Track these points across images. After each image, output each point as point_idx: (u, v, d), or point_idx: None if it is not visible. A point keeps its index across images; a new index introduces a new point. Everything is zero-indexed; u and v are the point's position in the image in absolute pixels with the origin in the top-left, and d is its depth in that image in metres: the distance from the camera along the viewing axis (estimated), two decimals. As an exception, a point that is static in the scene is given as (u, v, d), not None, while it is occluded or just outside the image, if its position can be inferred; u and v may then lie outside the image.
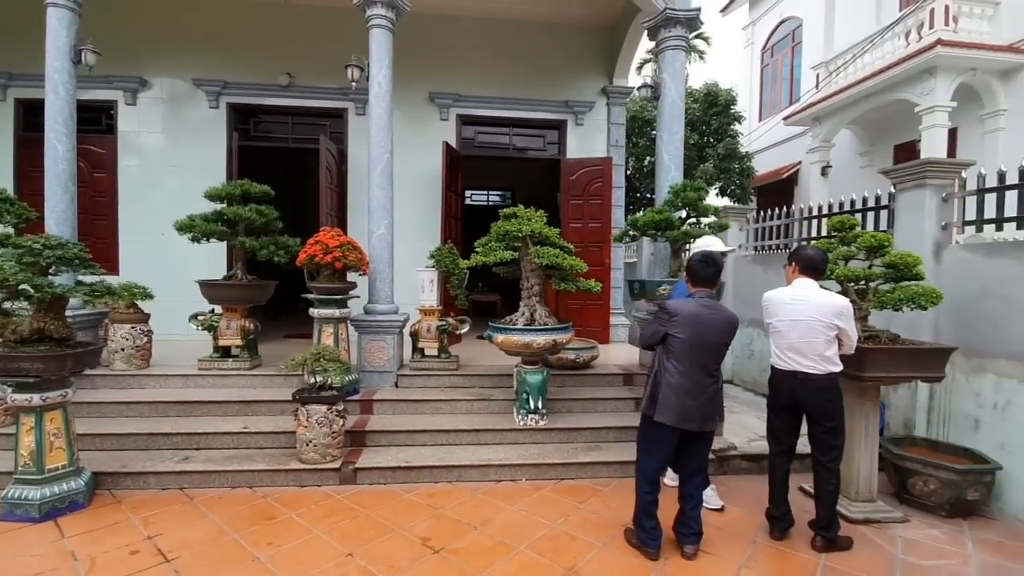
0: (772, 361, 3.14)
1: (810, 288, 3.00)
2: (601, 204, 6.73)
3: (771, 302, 3.10)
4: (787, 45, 13.52)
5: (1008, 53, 7.80)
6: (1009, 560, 2.91)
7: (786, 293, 3.06)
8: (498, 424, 4.27)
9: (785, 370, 3.03)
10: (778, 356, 3.07)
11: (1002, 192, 3.66)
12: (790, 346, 2.98)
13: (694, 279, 2.94)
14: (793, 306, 2.97)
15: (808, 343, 2.91)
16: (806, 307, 2.92)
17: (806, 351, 2.92)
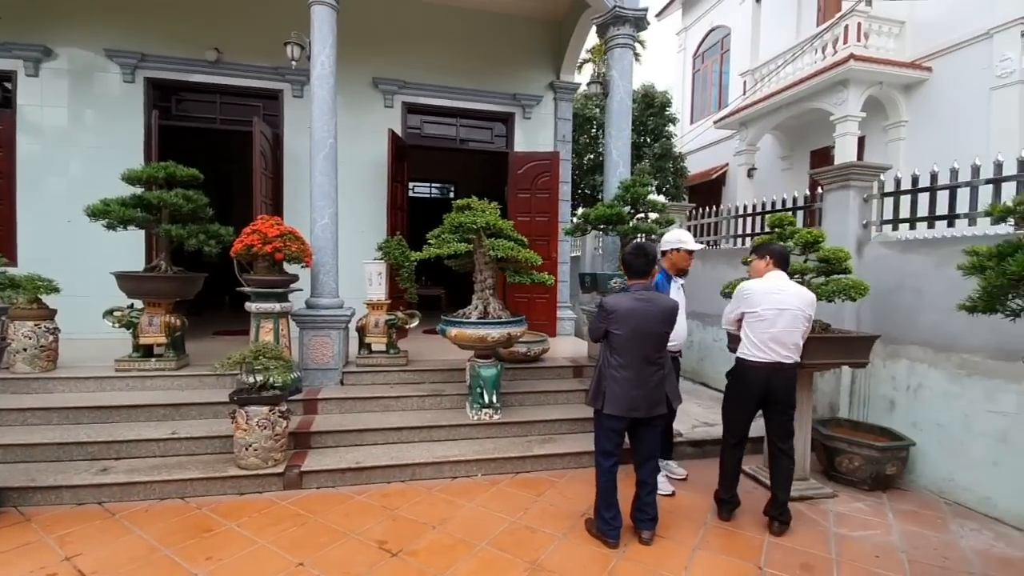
0: (745, 354, 3.13)
1: (786, 280, 3.13)
2: (548, 198, 6.77)
3: (753, 292, 3.09)
4: (717, 52, 14.24)
5: (910, 69, 8.62)
6: (924, 528, 3.23)
7: (765, 284, 3.10)
8: (451, 420, 4.19)
9: (765, 362, 3.04)
10: (757, 348, 3.06)
11: (915, 195, 4.04)
12: (773, 337, 3.01)
13: (628, 271, 3.00)
14: (777, 295, 3.03)
15: (789, 333, 3.02)
16: (788, 297, 3.03)
17: (786, 341, 3.03)
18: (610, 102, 5.35)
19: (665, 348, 2.96)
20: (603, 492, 2.93)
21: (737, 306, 3.21)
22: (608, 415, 2.85)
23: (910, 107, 8.97)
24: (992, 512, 3.37)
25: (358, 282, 4.93)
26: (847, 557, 2.88)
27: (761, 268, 3.19)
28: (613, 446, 2.93)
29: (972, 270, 2.49)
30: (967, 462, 3.54)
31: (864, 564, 2.81)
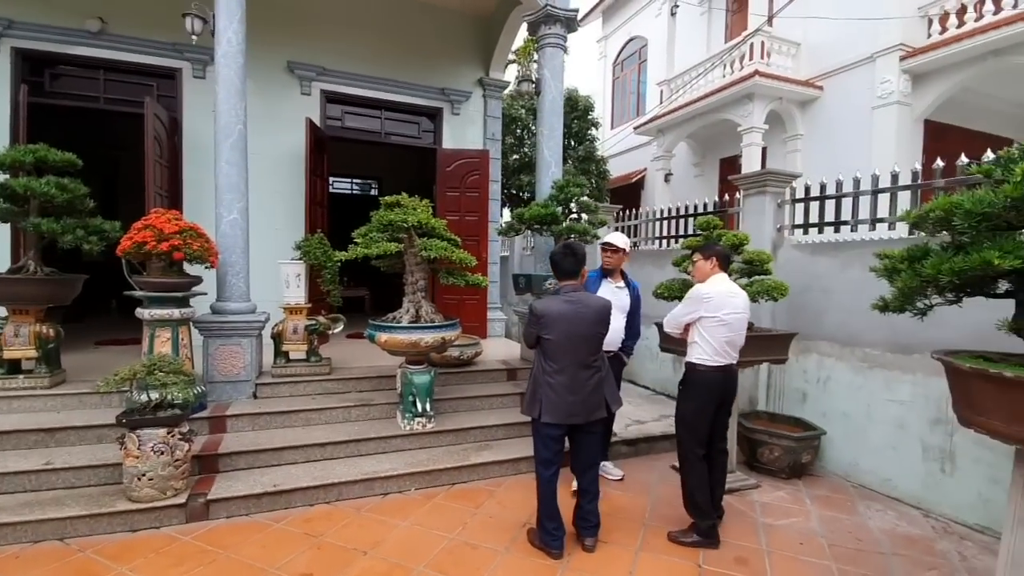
0: (703, 360, 2.98)
1: (732, 282, 3.12)
2: (478, 197, 6.62)
3: (714, 296, 2.95)
4: (635, 61, 14.84)
5: (805, 87, 9.44)
6: (838, 512, 3.46)
7: (721, 287, 3.01)
8: (381, 431, 3.91)
9: (721, 366, 2.98)
10: (716, 352, 2.96)
11: (823, 202, 4.35)
12: (729, 341, 2.98)
13: (557, 271, 2.89)
14: (733, 299, 2.98)
15: (740, 335, 3.03)
16: (740, 300, 3.01)
17: (737, 343, 3.03)
18: (542, 101, 5.31)
19: (600, 350, 2.89)
20: (544, 502, 2.84)
21: (694, 310, 3.00)
22: (545, 423, 2.75)
23: (805, 121, 9.83)
24: (892, 493, 3.69)
25: (273, 284, 4.49)
26: (775, 547, 3.00)
27: (706, 270, 3.08)
28: (552, 454, 2.84)
29: (885, 272, 2.68)
30: (870, 447, 3.86)
31: (791, 553, 2.94)
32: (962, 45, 7.54)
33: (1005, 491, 3.13)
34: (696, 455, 3.01)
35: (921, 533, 3.20)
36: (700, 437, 3.02)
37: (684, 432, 3.06)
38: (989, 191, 2.20)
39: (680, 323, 3.10)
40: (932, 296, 2.49)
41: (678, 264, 4.12)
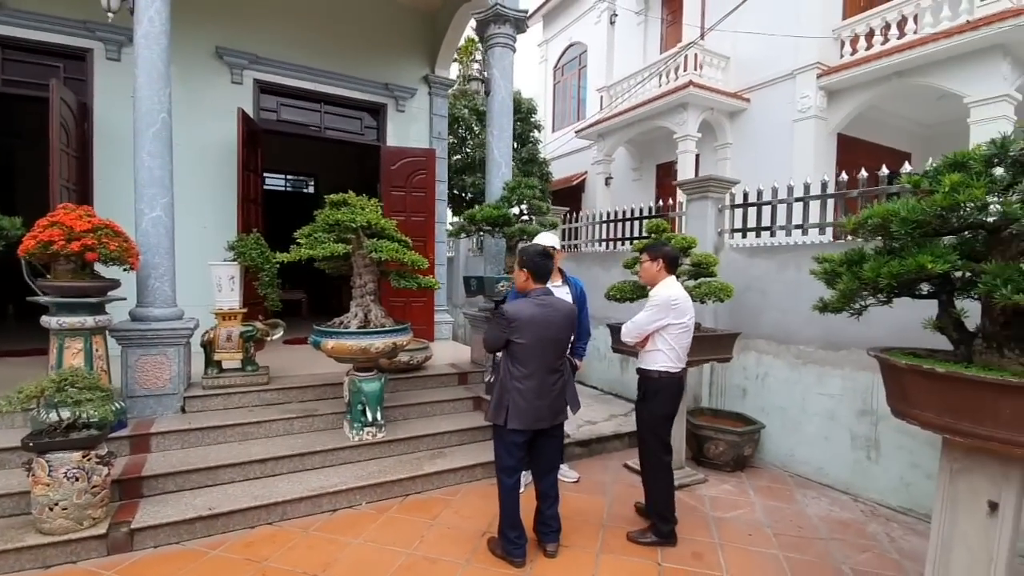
0: (667, 367, 2.97)
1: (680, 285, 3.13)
2: (424, 197, 6.46)
3: (680, 301, 2.94)
4: (575, 67, 15.13)
5: (734, 99, 10.00)
6: (779, 501, 3.65)
7: (681, 291, 3.02)
8: (328, 443, 3.70)
9: (681, 369, 3.02)
10: (678, 358, 2.98)
11: (760, 208, 4.59)
12: (685, 346, 3.02)
13: (536, 275, 2.80)
14: (687, 303, 3.01)
15: (690, 339, 3.07)
16: (691, 304, 3.04)
17: (688, 346, 3.06)
18: (492, 102, 5.25)
19: (566, 354, 2.91)
20: (507, 511, 2.77)
21: (663, 316, 2.93)
22: (512, 429, 2.70)
23: (734, 131, 10.41)
24: (824, 480, 3.95)
25: (200, 287, 4.16)
26: (727, 539, 3.11)
27: (653, 271, 3.05)
28: (516, 461, 2.79)
29: (824, 275, 2.84)
30: (804, 438, 4.11)
31: (742, 544, 3.06)
32: (870, 66, 8.26)
33: (925, 475, 3.43)
34: (664, 462, 3.03)
35: (853, 517, 3.43)
36: (667, 443, 3.06)
37: (653, 440, 3.03)
38: (919, 201, 2.39)
39: (645, 331, 2.98)
40: (867, 297, 2.68)
41: (629, 266, 4.18)
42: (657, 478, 3.04)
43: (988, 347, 2.31)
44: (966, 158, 2.35)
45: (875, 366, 3.62)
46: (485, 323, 5.03)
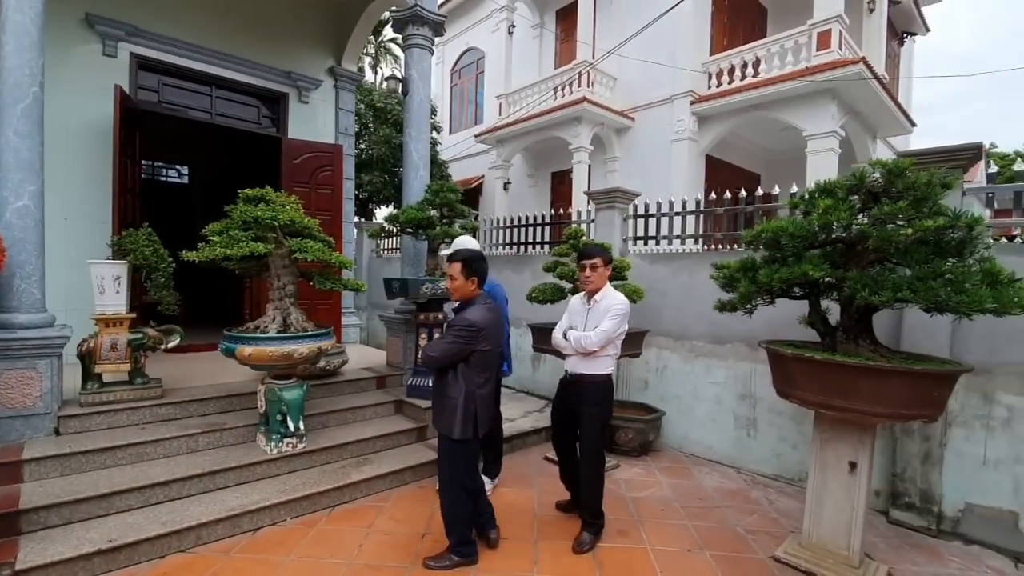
0: (611, 370, 3.17)
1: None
2: (331, 195, 6.18)
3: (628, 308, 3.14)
4: (473, 71, 15.32)
5: (621, 116, 10.89)
6: (680, 479, 4.14)
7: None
8: (242, 458, 3.41)
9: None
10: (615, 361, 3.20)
11: (659, 219, 5.13)
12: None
13: (481, 278, 2.78)
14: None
15: None
16: None
17: None
18: (410, 103, 5.21)
19: None
20: (463, 529, 2.77)
21: (625, 324, 3.10)
22: (477, 438, 2.75)
23: (621, 146, 11.33)
24: (713, 456, 4.54)
25: (67, 289, 3.61)
26: (644, 516, 3.47)
27: (606, 277, 3.15)
28: (475, 470, 2.86)
29: (724, 280, 3.31)
30: (696, 422, 4.69)
31: (658, 519, 3.43)
32: (732, 98, 9.54)
33: (791, 446, 4.10)
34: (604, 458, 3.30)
35: (739, 486, 4.01)
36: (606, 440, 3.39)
37: (602, 440, 3.19)
38: (801, 219, 2.92)
39: (612, 339, 3.07)
40: (757, 298, 3.18)
41: (550, 269, 4.44)
42: (601, 476, 3.17)
43: (847, 338, 2.88)
44: (833, 186, 2.92)
45: (753, 357, 4.29)
46: (404, 326, 4.99)
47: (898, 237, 2.59)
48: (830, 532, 2.88)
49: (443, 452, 2.76)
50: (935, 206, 2.59)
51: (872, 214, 2.71)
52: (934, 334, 3.31)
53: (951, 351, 3.26)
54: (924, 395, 2.52)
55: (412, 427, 4.28)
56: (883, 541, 3.22)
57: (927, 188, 2.55)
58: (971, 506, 3.24)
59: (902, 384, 2.51)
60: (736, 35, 11.11)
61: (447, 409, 2.68)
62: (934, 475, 3.36)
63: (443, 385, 2.71)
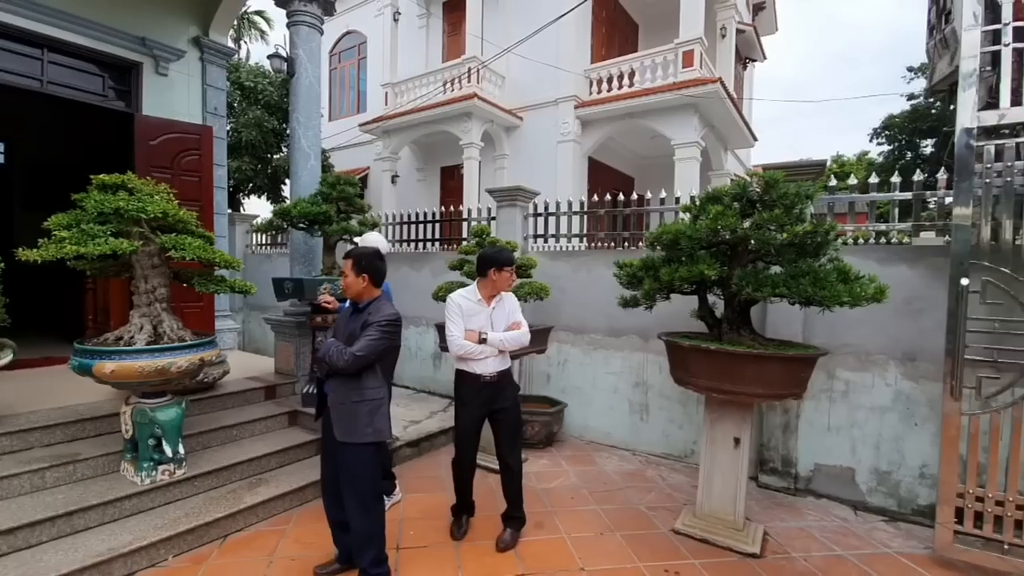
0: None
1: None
2: (199, 183, 5.44)
3: None
4: (354, 56, 14.51)
5: (510, 115, 11.09)
6: (585, 466, 4.36)
7: None
8: (107, 493, 2.89)
9: None
10: None
11: (558, 218, 5.32)
12: None
13: (380, 278, 2.66)
14: None
15: None
16: None
17: None
18: (297, 85, 4.78)
19: None
20: (382, 540, 2.60)
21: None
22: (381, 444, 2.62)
23: (510, 144, 11.54)
24: (611, 442, 4.86)
25: None
26: (556, 505, 3.60)
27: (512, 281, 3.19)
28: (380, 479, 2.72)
29: (627, 278, 3.54)
30: (595, 410, 4.97)
31: (569, 507, 3.59)
32: (610, 106, 10.21)
33: (677, 427, 4.52)
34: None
35: (635, 468, 4.34)
36: None
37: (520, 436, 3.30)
38: (694, 223, 3.22)
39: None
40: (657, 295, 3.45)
41: (457, 267, 4.38)
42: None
43: (731, 328, 3.25)
44: (720, 194, 3.25)
45: (645, 348, 4.65)
46: (297, 330, 4.59)
47: (773, 240, 2.98)
48: (720, 502, 3.24)
49: (359, 465, 2.52)
50: (800, 213, 3.02)
51: (754, 220, 3.08)
52: (791, 322, 3.87)
53: (803, 336, 3.85)
54: (795, 376, 2.94)
55: (311, 439, 3.96)
56: (756, 503, 3.70)
57: (795, 198, 2.97)
58: (820, 466, 3.87)
59: (778, 368, 2.90)
60: (613, 47, 11.91)
61: (371, 412, 2.49)
62: (792, 442, 3.95)
63: (361, 388, 2.49)
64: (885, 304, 2.89)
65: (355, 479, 2.52)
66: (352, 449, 2.50)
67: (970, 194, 2.94)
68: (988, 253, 2.93)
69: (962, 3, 3.06)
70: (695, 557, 2.98)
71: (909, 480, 3.57)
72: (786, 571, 2.88)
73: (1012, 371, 2.85)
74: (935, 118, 19.41)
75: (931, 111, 19.72)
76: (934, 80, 4.18)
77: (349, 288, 2.59)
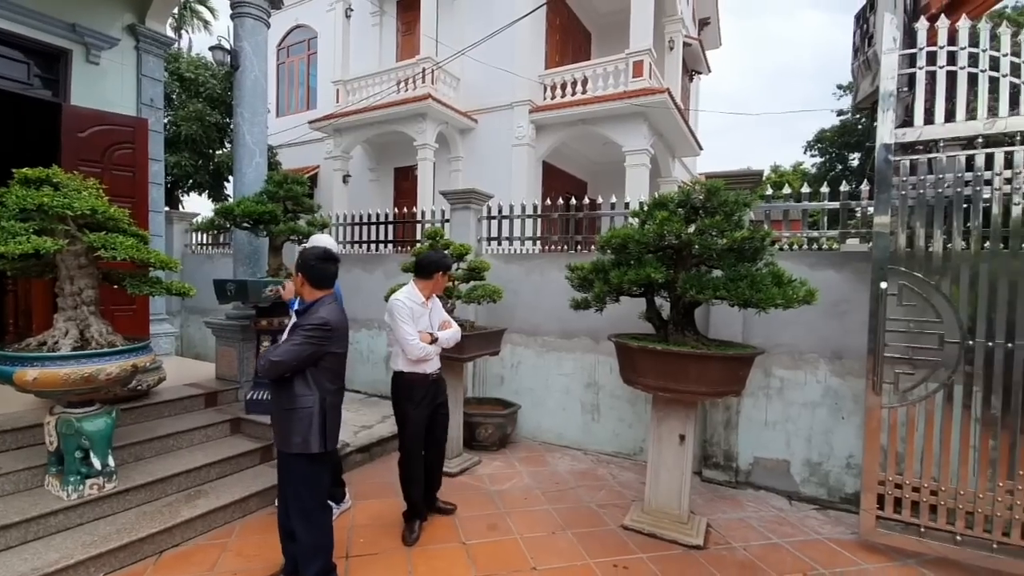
0: None
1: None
2: (133, 179, 5.13)
3: None
4: (303, 51, 14.09)
5: (465, 117, 11.07)
6: (538, 467, 4.41)
7: None
8: (30, 510, 2.68)
9: None
10: None
11: (511, 220, 5.36)
12: None
13: (321, 280, 2.55)
14: None
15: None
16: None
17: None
18: (241, 79, 4.59)
19: None
20: (329, 554, 2.52)
21: None
22: (334, 452, 2.56)
23: (464, 146, 11.52)
24: (564, 442, 4.94)
25: None
26: (509, 507, 3.63)
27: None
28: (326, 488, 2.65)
29: (578, 281, 3.62)
30: (547, 412, 5.04)
31: (522, 507, 3.62)
32: (564, 111, 10.38)
33: (627, 426, 4.64)
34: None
35: (587, 467, 4.43)
36: None
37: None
38: (640, 228, 3.33)
39: None
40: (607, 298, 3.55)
41: (411, 270, 4.32)
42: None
43: (676, 330, 3.38)
44: (666, 200, 3.39)
45: (597, 349, 4.76)
46: (240, 333, 4.41)
47: (715, 245, 3.13)
48: (666, 497, 3.36)
49: (295, 475, 2.45)
50: (739, 220, 3.19)
51: (697, 225, 3.22)
52: (732, 323, 4.07)
53: (743, 336, 4.05)
54: (734, 375, 3.09)
55: (255, 447, 3.82)
56: (700, 497, 3.86)
57: (734, 206, 3.13)
58: (758, 459, 4.08)
59: (720, 367, 3.05)
60: (567, 54, 12.13)
61: (299, 421, 2.40)
62: (733, 438, 4.15)
63: (291, 396, 2.41)
64: (815, 306, 3.11)
65: (295, 490, 2.45)
66: (286, 458, 2.45)
67: (888, 204, 3.19)
68: (904, 259, 3.18)
69: (883, 28, 3.32)
70: (643, 551, 3.08)
71: (837, 470, 3.83)
72: (727, 561, 3.02)
73: (925, 367, 3.12)
74: (861, 133, 20.90)
75: (858, 127, 21.22)
76: (858, 98, 4.53)
77: (296, 289, 2.57)
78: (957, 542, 3.01)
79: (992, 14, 8.33)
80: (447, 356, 3.83)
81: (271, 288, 3.89)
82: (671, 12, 12.17)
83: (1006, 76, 2.95)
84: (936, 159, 3.13)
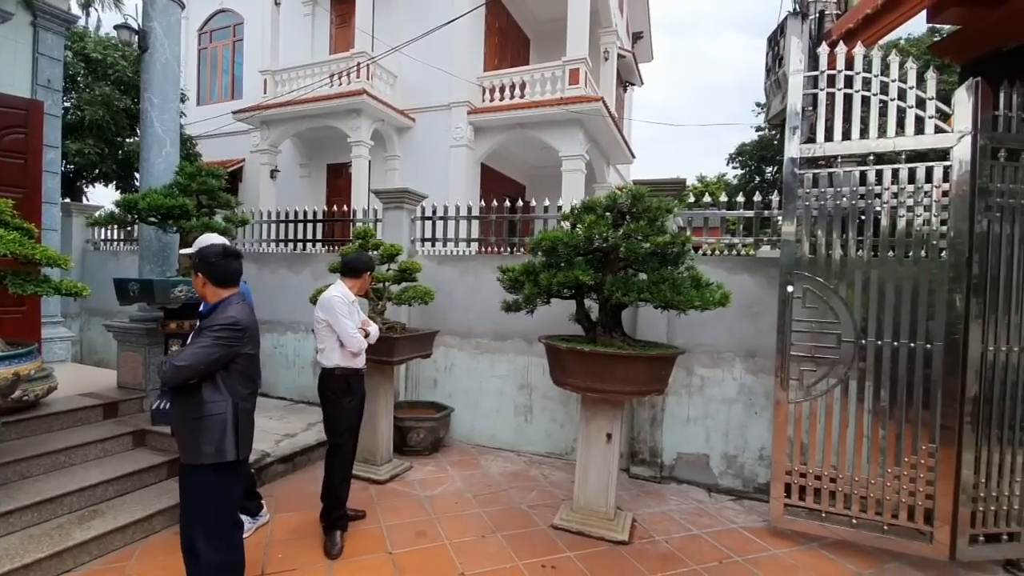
0: None
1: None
2: (24, 166, 4.60)
3: None
4: (228, 36, 13.28)
5: (401, 115, 10.86)
6: (470, 470, 4.38)
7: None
8: None
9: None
10: None
11: (446, 221, 5.30)
12: None
13: (225, 278, 2.34)
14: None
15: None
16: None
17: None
18: (151, 62, 4.25)
19: None
20: (239, 568, 2.34)
21: None
22: (244, 461, 2.39)
23: (401, 145, 11.30)
24: (497, 444, 4.93)
25: None
26: (440, 512, 3.57)
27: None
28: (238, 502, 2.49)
29: (509, 282, 3.64)
30: (481, 414, 5.02)
31: (452, 513, 3.57)
32: (502, 115, 10.44)
33: (559, 426, 4.71)
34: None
35: (519, 468, 4.45)
36: None
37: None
38: (570, 231, 3.39)
39: None
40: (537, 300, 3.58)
41: (333, 270, 4.17)
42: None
43: (604, 331, 3.47)
44: (594, 204, 3.47)
45: (529, 351, 4.80)
46: (146, 337, 4.07)
47: (640, 249, 3.24)
48: (594, 495, 3.43)
49: (204, 489, 2.24)
50: (662, 225, 3.32)
51: (624, 229, 3.32)
52: (657, 324, 4.24)
53: (667, 337, 4.23)
54: (657, 374, 3.21)
55: (160, 461, 3.53)
56: (626, 493, 3.98)
57: (658, 211, 3.26)
58: (681, 454, 4.27)
59: (643, 367, 3.16)
60: (505, 57, 12.20)
61: (211, 430, 2.20)
62: (658, 434, 4.31)
63: (199, 403, 2.21)
64: (732, 308, 3.30)
65: (201, 504, 2.24)
66: (192, 471, 2.24)
67: (794, 214, 3.44)
68: (808, 264, 3.44)
69: (791, 51, 3.58)
70: (571, 549, 3.13)
71: (751, 462, 4.08)
72: (650, 554, 3.13)
73: (825, 365, 3.38)
74: (776, 148, 22.53)
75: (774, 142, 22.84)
76: (770, 115, 4.86)
77: (198, 291, 2.38)
78: (853, 525, 3.28)
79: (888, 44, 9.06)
80: (377, 359, 3.76)
81: (181, 288, 3.62)
82: (606, 24, 12.56)
83: (894, 100, 3.26)
84: (835, 174, 3.41)
